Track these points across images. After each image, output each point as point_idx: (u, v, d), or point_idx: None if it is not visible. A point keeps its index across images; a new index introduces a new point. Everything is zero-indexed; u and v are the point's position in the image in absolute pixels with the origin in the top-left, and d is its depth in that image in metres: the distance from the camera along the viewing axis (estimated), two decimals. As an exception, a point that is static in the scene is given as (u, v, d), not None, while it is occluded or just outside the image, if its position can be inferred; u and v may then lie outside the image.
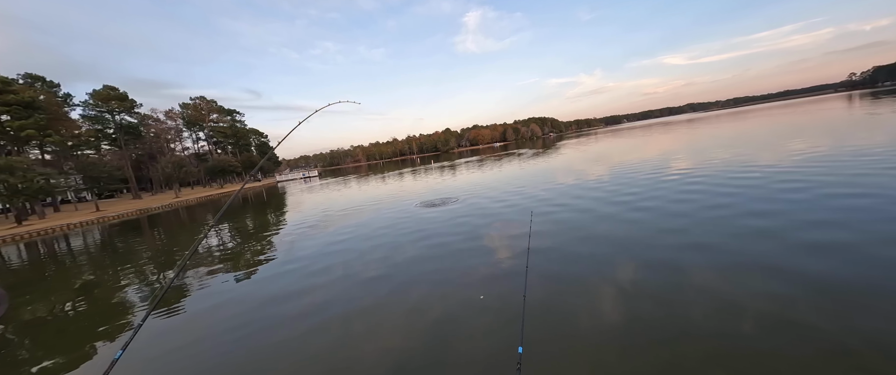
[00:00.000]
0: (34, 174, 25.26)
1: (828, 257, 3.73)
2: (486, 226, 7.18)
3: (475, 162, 34.00)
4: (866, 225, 4.36)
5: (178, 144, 62.94)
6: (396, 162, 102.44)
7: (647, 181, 9.40)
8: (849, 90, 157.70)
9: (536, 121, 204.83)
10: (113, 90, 44.92)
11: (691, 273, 3.85)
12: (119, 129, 46.34)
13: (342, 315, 4.04)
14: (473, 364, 2.82)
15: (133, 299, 5.96)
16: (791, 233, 4.49)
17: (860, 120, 17.86)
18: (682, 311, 3.14)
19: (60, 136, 32.97)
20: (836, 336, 2.53)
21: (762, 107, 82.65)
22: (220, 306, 4.90)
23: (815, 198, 5.74)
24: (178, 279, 6.86)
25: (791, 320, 2.78)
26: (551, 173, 15.02)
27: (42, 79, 37.11)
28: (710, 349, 2.61)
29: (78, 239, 17.31)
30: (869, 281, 3.18)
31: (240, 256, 8.01)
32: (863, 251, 3.74)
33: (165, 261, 8.79)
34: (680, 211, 6.17)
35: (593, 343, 2.86)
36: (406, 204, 11.86)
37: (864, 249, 3.76)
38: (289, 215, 14.56)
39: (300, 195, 24.37)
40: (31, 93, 31.43)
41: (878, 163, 7.40)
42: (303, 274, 5.76)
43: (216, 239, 11.78)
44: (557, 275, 4.25)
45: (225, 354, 3.57)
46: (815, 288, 3.19)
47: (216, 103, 67.01)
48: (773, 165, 8.95)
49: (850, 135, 12.58)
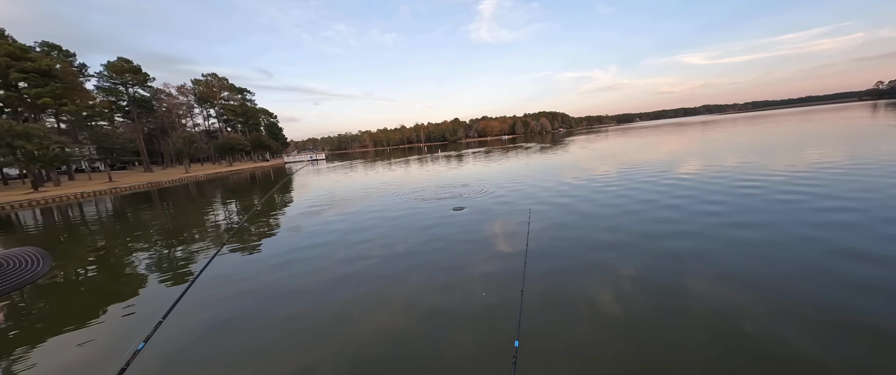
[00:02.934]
0: (50, 142, 25.81)
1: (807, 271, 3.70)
2: (487, 222, 7.22)
3: (482, 153, 33.89)
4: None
5: (188, 120, 63.59)
6: (403, 149, 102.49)
7: (648, 181, 9.31)
8: (874, 99, 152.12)
9: (547, 115, 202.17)
10: (127, 62, 45.26)
11: (686, 274, 3.86)
12: (132, 102, 46.86)
13: (342, 300, 4.15)
14: (468, 355, 2.90)
15: (143, 270, 6.15)
16: (775, 241, 4.45)
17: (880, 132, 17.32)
18: (676, 309, 3.17)
19: (75, 106, 33.47)
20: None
21: (780, 113, 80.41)
22: (224, 281, 5.05)
23: (804, 210, 5.66)
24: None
25: (741, 320, 2.79)
26: (558, 170, 14.92)
27: (58, 47, 37.49)
28: (703, 349, 2.64)
29: (90, 207, 17.78)
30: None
31: (247, 235, 8.18)
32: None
33: (176, 233, 9.01)
34: (670, 217, 6.13)
35: (589, 339, 2.92)
36: (404, 196, 11.92)
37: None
38: (303, 193, 14.74)
39: (307, 177, 24.61)
40: (48, 62, 31.82)
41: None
42: (316, 257, 5.89)
43: (227, 217, 12.02)
44: (554, 272, 4.29)
45: (228, 331, 3.71)
46: (777, 296, 3.18)
47: (227, 81, 67.22)
48: (774, 173, 8.79)
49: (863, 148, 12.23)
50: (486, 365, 2.73)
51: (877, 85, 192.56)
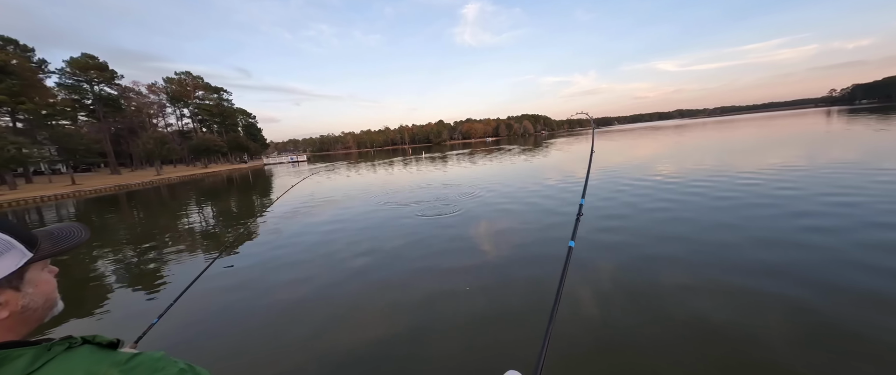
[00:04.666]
0: (5, 142, 24.07)
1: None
2: (487, 219, 7.25)
3: (466, 155, 34.03)
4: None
5: (160, 120, 60.85)
6: (387, 151, 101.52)
7: (622, 184, 9.61)
8: (828, 106, 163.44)
9: (530, 118, 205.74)
10: (92, 59, 42.88)
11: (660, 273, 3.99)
12: (98, 101, 44.37)
13: (328, 299, 4.04)
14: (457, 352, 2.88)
15: (112, 282, 5.80)
16: (748, 241, 4.68)
17: (837, 135, 18.59)
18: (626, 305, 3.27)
19: (34, 104, 31.39)
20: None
21: (746, 118, 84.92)
22: (204, 287, 4.83)
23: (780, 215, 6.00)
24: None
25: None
26: (542, 170, 15.18)
27: (14, 42, 35.01)
28: (654, 345, 2.73)
29: (51, 212, 16.65)
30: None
31: (222, 238, 7.86)
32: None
33: (145, 239, 8.55)
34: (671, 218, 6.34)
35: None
36: (385, 198, 11.81)
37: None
38: (285, 196, 14.31)
39: (288, 179, 23.93)
40: (3, 57, 29.69)
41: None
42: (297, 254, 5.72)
43: (203, 221, 11.56)
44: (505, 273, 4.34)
45: (213, 334, 3.54)
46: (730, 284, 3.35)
47: (202, 79, 64.81)
48: (744, 174, 9.26)
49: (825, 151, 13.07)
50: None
51: (830, 92, 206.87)
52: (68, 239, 0.64)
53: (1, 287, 0.54)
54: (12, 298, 0.56)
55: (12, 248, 0.56)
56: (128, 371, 0.53)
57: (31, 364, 0.49)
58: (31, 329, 0.60)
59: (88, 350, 0.55)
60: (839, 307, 3.06)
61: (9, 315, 0.55)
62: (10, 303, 0.55)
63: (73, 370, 0.50)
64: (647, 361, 2.61)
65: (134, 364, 0.54)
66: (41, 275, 0.62)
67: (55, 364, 0.50)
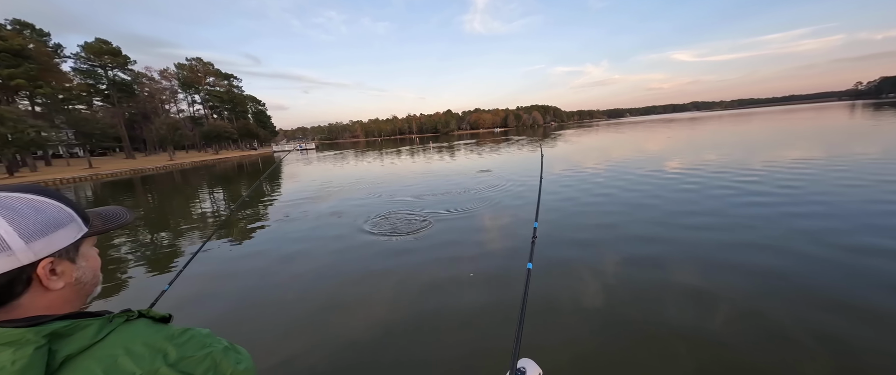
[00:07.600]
0: (25, 125, 24.73)
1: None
2: (489, 218, 7.30)
3: (474, 145, 33.89)
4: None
5: (172, 106, 61.62)
6: (395, 140, 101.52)
7: (626, 178, 9.51)
8: (853, 99, 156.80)
9: (539, 108, 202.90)
10: (106, 44, 43.37)
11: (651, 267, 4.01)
12: (112, 86, 45.09)
13: (336, 283, 4.18)
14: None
15: (127, 262, 6.04)
16: (734, 237, 4.65)
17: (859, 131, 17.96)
18: (626, 298, 3.31)
19: (51, 88, 32.07)
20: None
21: (765, 111, 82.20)
22: (210, 272, 5.02)
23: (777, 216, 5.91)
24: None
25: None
26: (549, 162, 15.09)
27: (31, 26, 35.59)
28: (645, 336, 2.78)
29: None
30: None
31: (235, 225, 8.07)
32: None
33: (162, 223, 8.83)
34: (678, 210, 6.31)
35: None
36: (397, 186, 11.90)
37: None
38: (293, 183, 14.55)
39: (296, 166, 24.25)
40: (21, 41, 30.26)
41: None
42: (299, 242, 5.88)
43: (214, 206, 11.84)
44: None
45: (224, 309, 3.71)
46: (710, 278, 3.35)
47: (213, 66, 65.23)
48: (745, 170, 9.08)
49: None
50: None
51: (856, 85, 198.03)
52: (115, 219, 0.68)
53: (60, 256, 0.57)
54: (68, 269, 0.59)
55: (73, 221, 0.59)
56: (180, 345, 0.57)
57: (97, 333, 0.53)
58: (82, 303, 0.63)
59: (144, 323, 0.59)
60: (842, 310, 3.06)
61: (64, 285, 0.58)
62: (67, 274, 0.58)
63: (132, 340, 0.54)
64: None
65: (185, 339, 0.58)
66: (91, 251, 0.65)
67: (116, 334, 0.54)
